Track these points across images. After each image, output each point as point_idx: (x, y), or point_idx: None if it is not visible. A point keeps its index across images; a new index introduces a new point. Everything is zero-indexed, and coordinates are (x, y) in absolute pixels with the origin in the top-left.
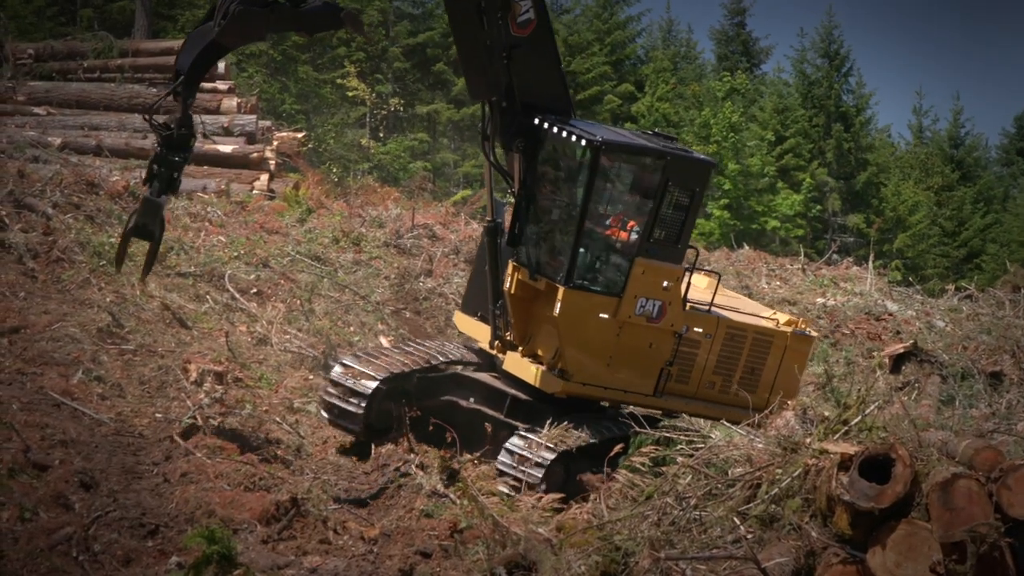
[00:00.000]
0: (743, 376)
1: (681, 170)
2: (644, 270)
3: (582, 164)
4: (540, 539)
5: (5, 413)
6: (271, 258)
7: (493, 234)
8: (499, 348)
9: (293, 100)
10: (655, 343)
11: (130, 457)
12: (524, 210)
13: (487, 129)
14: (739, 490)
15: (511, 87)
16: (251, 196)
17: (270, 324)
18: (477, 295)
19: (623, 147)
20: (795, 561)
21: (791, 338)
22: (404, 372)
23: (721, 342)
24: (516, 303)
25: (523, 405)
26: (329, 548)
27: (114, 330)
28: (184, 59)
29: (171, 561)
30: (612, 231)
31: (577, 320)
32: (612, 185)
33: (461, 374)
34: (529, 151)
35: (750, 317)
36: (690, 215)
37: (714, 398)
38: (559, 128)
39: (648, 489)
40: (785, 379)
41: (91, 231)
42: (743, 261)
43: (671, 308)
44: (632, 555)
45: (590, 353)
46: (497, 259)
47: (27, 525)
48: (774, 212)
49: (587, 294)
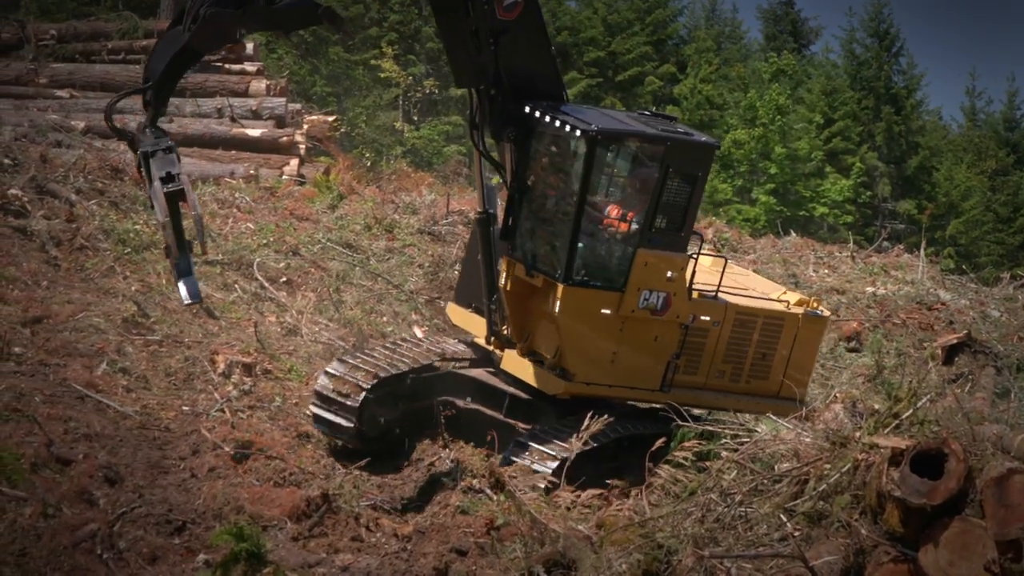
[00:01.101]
0: (754, 363)
1: (682, 154)
2: (647, 262)
3: (577, 154)
4: (580, 536)
5: (28, 405)
6: (301, 246)
7: (486, 225)
8: (496, 344)
9: (324, 82)
10: (660, 336)
11: (156, 451)
12: (517, 202)
13: (475, 118)
14: (786, 486)
15: (499, 74)
16: (280, 182)
17: (300, 314)
18: (471, 286)
19: (620, 135)
20: (844, 560)
21: (803, 319)
22: (395, 375)
23: (730, 329)
24: (512, 299)
25: (523, 404)
26: (361, 546)
27: (139, 320)
28: (154, 66)
29: (199, 559)
30: (611, 222)
31: (578, 318)
32: (610, 174)
33: (456, 372)
34: (521, 141)
35: (759, 300)
36: (693, 201)
37: (724, 387)
38: (551, 117)
39: (692, 485)
40: (798, 363)
41: (115, 218)
42: (790, 248)
43: (676, 299)
44: (675, 553)
45: (592, 351)
46: (491, 252)
47: (50, 521)
48: (822, 198)
49: (588, 290)
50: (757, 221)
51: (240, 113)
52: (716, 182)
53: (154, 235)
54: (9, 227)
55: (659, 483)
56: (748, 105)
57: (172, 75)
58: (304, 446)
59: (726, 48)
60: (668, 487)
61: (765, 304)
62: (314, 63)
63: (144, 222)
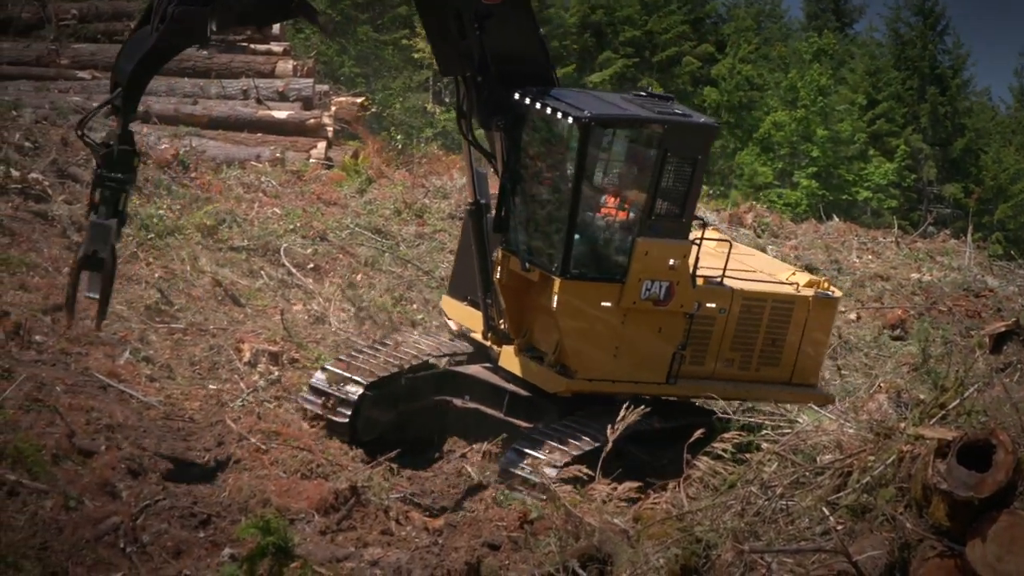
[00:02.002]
0: (764, 349)
1: (680, 137)
2: (647, 250)
3: (570, 141)
4: (616, 530)
5: (49, 395)
6: (329, 231)
7: (478, 216)
8: (493, 339)
9: (352, 63)
10: (665, 327)
11: (180, 442)
12: (510, 193)
13: (462, 106)
14: (828, 478)
15: (485, 59)
16: (308, 165)
17: (328, 301)
18: (465, 278)
19: (614, 120)
20: (888, 554)
21: (813, 302)
22: (390, 375)
23: (737, 315)
24: (508, 293)
25: (524, 402)
26: (391, 539)
27: (163, 308)
28: (122, 69)
29: (224, 553)
30: (609, 211)
31: (577, 312)
32: (605, 161)
33: (453, 370)
34: (510, 129)
35: (767, 283)
36: (693, 185)
37: (733, 376)
38: (542, 103)
39: (731, 477)
40: (810, 348)
41: (138, 202)
42: (832, 234)
43: (680, 288)
44: (714, 547)
45: (594, 346)
46: (485, 244)
47: (72, 514)
48: (865, 181)
49: (586, 283)
50: (798, 206)
51: (266, 95)
52: (756, 165)
53: (178, 220)
54: (30, 212)
55: (697, 475)
56: (789, 86)
57: (141, 78)
58: (332, 437)
59: (766, 27)
60: (707, 479)
61: (773, 287)
62: (342, 43)
63: (168, 207)
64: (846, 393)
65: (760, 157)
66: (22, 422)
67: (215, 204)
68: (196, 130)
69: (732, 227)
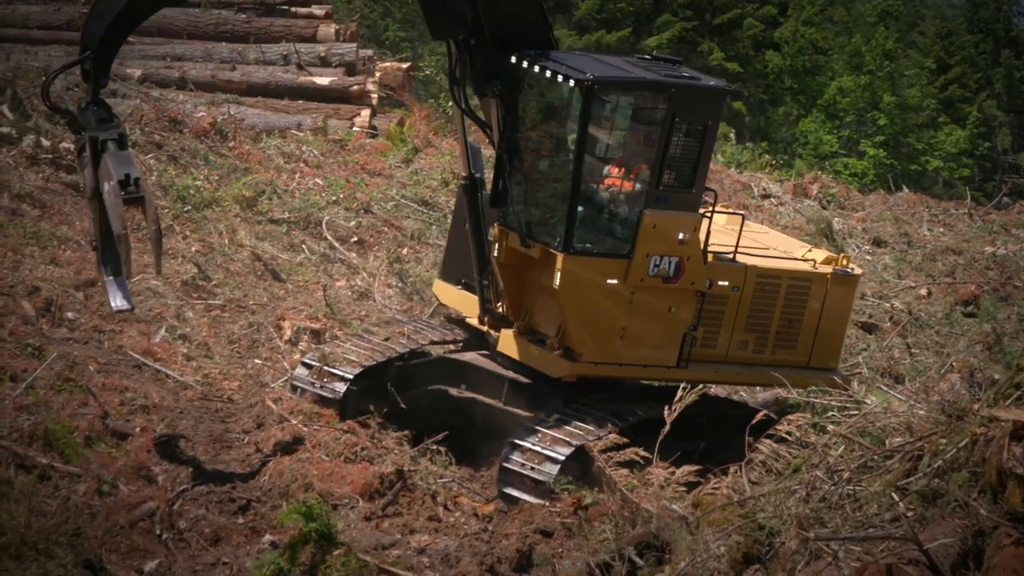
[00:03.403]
0: (779, 330)
1: (689, 101)
2: (655, 223)
3: (572, 106)
4: (674, 517)
5: (81, 375)
6: (373, 203)
7: (472, 192)
8: (490, 324)
9: (397, 26)
10: (675, 306)
11: (218, 424)
12: (507, 164)
13: (455, 72)
14: (898, 462)
15: (479, 21)
16: (351, 134)
17: (372, 276)
18: (458, 260)
19: (618, 83)
20: (961, 542)
21: (832, 279)
22: (380, 363)
23: (751, 294)
24: (507, 273)
25: (525, 390)
26: (439, 526)
27: (200, 283)
28: (92, 31)
29: (264, 540)
30: (613, 181)
31: (582, 290)
32: (609, 128)
33: (448, 357)
34: (507, 95)
35: (782, 260)
36: (703, 153)
37: (747, 360)
38: (541, 66)
39: (795, 461)
40: (828, 328)
41: (174, 173)
42: (902, 205)
43: (690, 264)
44: (777, 535)
45: (600, 327)
46: (480, 222)
47: (105, 499)
48: (936, 150)
49: (591, 259)
50: (865, 176)
51: (308, 60)
52: (821, 133)
53: (215, 191)
54: (61, 183)
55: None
56: (853, 51)
57: (113, 41)
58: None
59: None
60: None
61: (789, 264)
62: (386, 5)
63: (205, 178)
64: (916, 373)
65: (825, 125)
66: (54, 403)
67: (254, 175)
68: (234, 97)
69: (796, 198)
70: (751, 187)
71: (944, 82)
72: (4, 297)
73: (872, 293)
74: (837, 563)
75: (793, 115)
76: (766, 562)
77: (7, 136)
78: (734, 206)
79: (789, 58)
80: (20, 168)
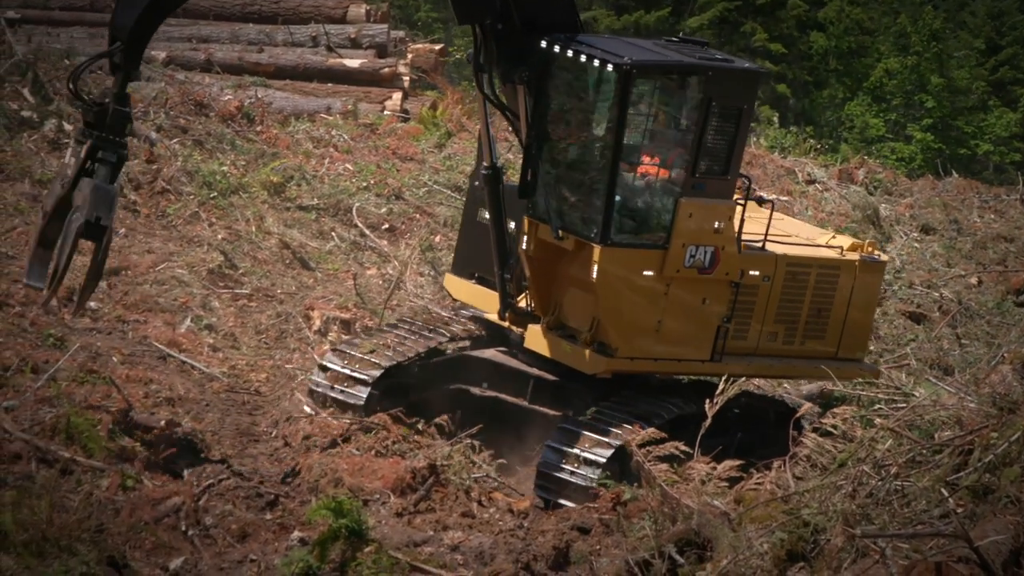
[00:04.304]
0: (808, 321)
1: (725, 85)
2: (691, 212)
3: (607, 92)
4: (716, 513)
5: (104, 366)
6: (405, 189)
7: (495, 182)
8: (512, 320)
9: (429, 7)
10: (709, 297)
11: (245, 417)
12: (536, 153)
13: (480, 58)
14: (947, 457)
15: (507, 4)
16: (382, 117)
17: (404, 265)
18: (471, 253)
19: (658, 67)
20: (1013, 539)
21: (860, 267)
22: (401, 363)
23: (781, 284)
24: (536, 266)
25: (550, 388)
26: (472, 522)
27: (227, 272)
28: (121, 22)
29: (293, 536)
30: (648, 169)
31: (619, 283)
32: (646, 113)
33: (469, 355)
34: (536, 81)
35: (811, 247)
36: (739, 138)
37: (777, 352)
38: (574, 51)
39: (841, 456)
40: (857, 317)
41: (200, 158)
42: (951, 191)
43: (725, 253)
44: (822, 532)
45: (635, 320)
46: (502, 213)
47: (129, 495)
48: (986, 134)
49: (628, 250)
50: (913, 160)
51: (337, 41)
52: (868, 117)
53: (242, 177)
54: None
55: (804, 453)
56: (899, 31)
57: (145, 31)
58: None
59: None
60: (815, 458)
61: (818, 252)
62: None
63: (231, 163)
64: (967, 364)
65: (871, 108)
66: (76, 395)
67: (282, 160)
68: (262, 80)
69: (842, 183)
70: (795, 172)
71: (995, 63)
72: (25, 286)
73: (921, 282)
74: (884, 561)
75: (838, 98)
76: (811, 560)
77: (28, 120)
78: (777, 192)
79: (834, 39)
80: (42, 153)
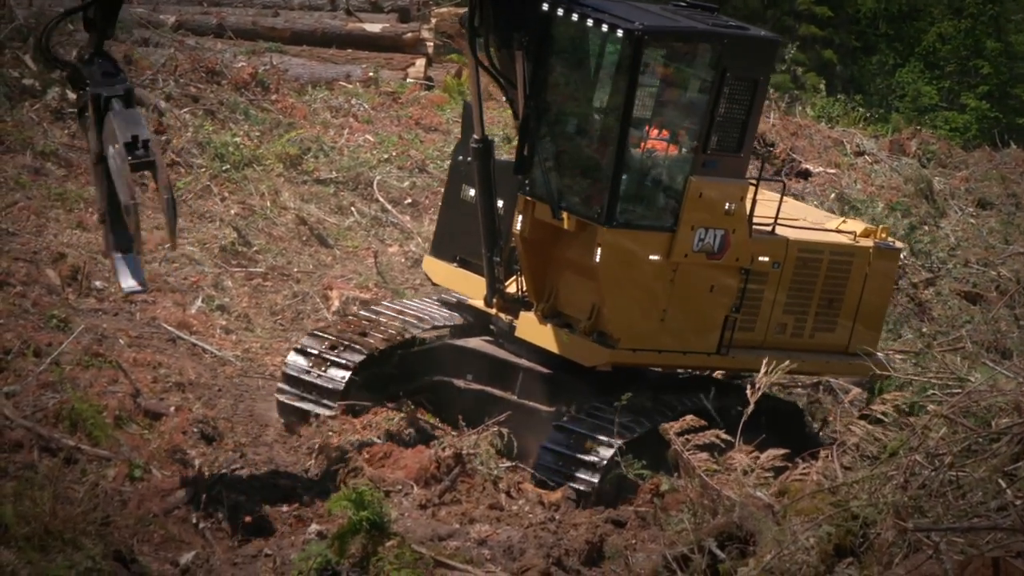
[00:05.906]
0: (819, 311)
1: (740, 54)
2: (701, 192)
3: (614, 60)
4: (759, 505)
5: (111, 349)
6: (429, 161)
7: (485, 156)
8: (499, 306)
9: None
10: (718, 285)
11: (260, 403)
12: (535, 126)
13: (474, 21)
14: (1005, 446)
15: None
16: (404, 85)
17: (427, 241)
18: (454, 234)
19: (671, 33)
20: None
21: (874, 254)
22: (382, 350)
23: (792, 271)
24: (531, 249)
25: (541, 380)
26: (501, 515)
27: (240, 249)
28: None
29: (310, 529)
30: (656, 144)
31: (622, 268)
32: (656, 84)
33: (452, 344)
34: (535, 48)
35: (822, 232)
36: (753, 112)
37: (786, 344)
38: (579, 14)
39: (892, 444)
40: (869, 308)
41: (211, 129)
42: (1009, 163)
43: (736, 237)
44: (872, 525)
45: (639, 309)
46: (491, 190)
47: (137, 485)
48: None
49: (633, 232)
50: (968, 130)
51: (357, 5)
52: (920, 84)
53: (257, 149)
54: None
55: (853, 442)
56: None
57: None
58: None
59: None
60: (864, 447)
61: (830, 237)
62: None
63: (245, 134)
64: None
65: (924, 75)
66: (81, 380)
67: (299, 131)
68: (277, 46)
69: (893, 155)
70: (843, 143)
71: None
72: (27, 264)
73: (977, 260)
74: (938, 556)
75: (888, 64)
76: (860, 555)
77: (30, 88)
78: (824, 165)
79: (884, 1)
80: (44, 123)
